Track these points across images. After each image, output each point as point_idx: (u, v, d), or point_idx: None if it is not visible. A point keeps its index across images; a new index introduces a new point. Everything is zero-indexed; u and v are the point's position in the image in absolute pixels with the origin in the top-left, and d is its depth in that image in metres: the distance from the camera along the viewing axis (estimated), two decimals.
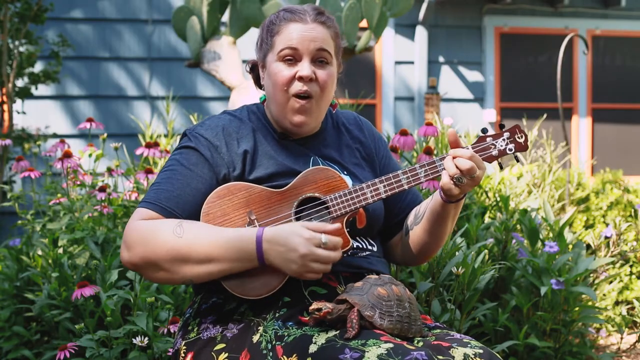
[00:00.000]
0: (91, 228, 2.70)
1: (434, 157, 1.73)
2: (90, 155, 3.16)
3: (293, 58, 1.75)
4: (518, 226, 3.08)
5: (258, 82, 1.91)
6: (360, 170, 1.86)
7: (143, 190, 2.95)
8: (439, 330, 1.69)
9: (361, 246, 1.78)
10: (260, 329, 1.62)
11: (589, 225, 4.65)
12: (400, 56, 7.12)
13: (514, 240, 2.96)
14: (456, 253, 2.50)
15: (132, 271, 1.94)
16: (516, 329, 2.72)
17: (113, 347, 2.26)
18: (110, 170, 3.03)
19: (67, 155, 2.85)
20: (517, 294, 2.77)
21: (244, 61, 4.93)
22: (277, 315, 1.63)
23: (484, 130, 1.76)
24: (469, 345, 1.52)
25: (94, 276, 2.48)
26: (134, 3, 6.66)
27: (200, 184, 1.71)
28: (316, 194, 1.70)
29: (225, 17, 5.53)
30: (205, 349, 1.66)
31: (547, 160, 4.87)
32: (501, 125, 1.77)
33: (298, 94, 1.75)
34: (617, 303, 4.24)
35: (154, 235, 1.62)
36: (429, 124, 2.86)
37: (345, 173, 1.82)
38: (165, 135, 4.78)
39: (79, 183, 2.99)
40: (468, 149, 1.70)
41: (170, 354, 1.80)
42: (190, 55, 5.69)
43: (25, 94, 5.42)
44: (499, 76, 7.31)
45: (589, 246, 3.76)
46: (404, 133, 2.77)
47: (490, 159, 1.76)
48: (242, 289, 1.63)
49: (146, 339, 2.19)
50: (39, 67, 5.97)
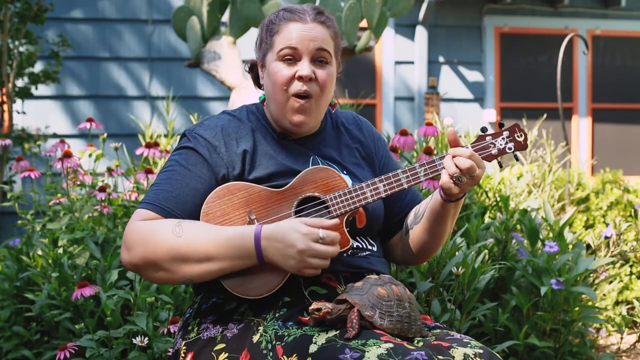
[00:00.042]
0: (91, 228, 2.70)
1: (434, 157, 1.73)
2: (90, 155, 3.16)
3: (293, 58, 1.75)
4: (518, 226, 3.08)
5: (257, 82, 1.91)
6: (359, 170, 1.86)
7: (143, 190, 2.95)
8: (439, 330, 1.69)
9: (361, 246, 1.77)
10: (260, 329, 1.62)
11: (589, 225, 4.65)
12: (400, 56, 7.12)
13: (514, 240, 2.96)
14: (456, 253, 2.50)
15: (133, 272, 1.94)
16: (516, 329, 2.72)
17: (113, 347, 2.25)
18: (110, 170, 3.03)
19: (67, 155, 2.85)
20: (517, 294, 2.77)
21: (244, 61, 4.92)
22: (277, 315, 1.63)
23: (483, 129, 1.75)
24: (469, 345, 1.52)
25: (94, 276, 2.48)
26: (134, 3, 6.66)
27: (199, 184, 1.71)
28: (316, 194, 1.70)
29: (225, 17, 5.53)
30: (205, 349, 1.66)
31: (547, 160, 4.87)
32: (500, 124, 1.77)
33: (298, 94, 1.75)
34: (617, 303, 4.23)
35: (153, 235, 1.62)
36: (429, 124, 2.86)
37: (345, 173, 1.82)
38: (165, 135, 4.78)
39: (79, 183, 2.99)
40: (467, 148, 1.70)
41: (170, 354, 1.80)
42: (190, 55, 5.69)
43: (25, 94, 5.42)
44: (499, 76, 7.31)
45: (589, 246, 3.76)
46: (404, 133, 2.77)
47: (489, 157, 1.75)
48: (242, 288, 1.63)
49: (146, 339, 2.19)
50: (39, 67, 5.97)
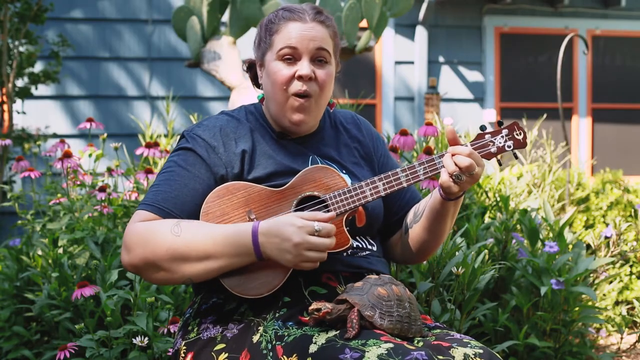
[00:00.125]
0: (91, 228, 2.70)
1: (433, 155, 1.73)
2: (90, 155, 3.16)
3: (292, 57, 1.75)
4: (518, 226, 3.08)
5: (255, 81, 1.91)
6: (358, 169, 1.86)
7: (143, 190, 2.95)
8: (439, 330, 1.69)
9: (361, 246, 1.77)
10: (260, 329, 1.62)
11: (589, 225, 4.65)
12: (400, 56, 7.12)
13: (514, 240, 2.96)
14: (456, 253, 2.49)
15: (133, 273, 1.94)
16: (516, 329, 2.72)
17: (113, 347, 2.25)
18: (110, 170, 3.03)
19: (67, 155, 2.85)
20: (517, 294, 2.77)
21: (244, 61, 4.92)
22: (277, 315, 1.63)
23: (482, 127, 1.75)
24: (469, 345, 1.52)
25: (94, 276, 2.48)
26: (134, 3, 6.66)
27: (197, 184, 1.70)
28: (315, 193, 1.70)
29: (225, 17, 5.53)
30: (205, 349, 1.66)
31: (547, 160, 4.87)
32: (499, 123, 1.77)
33: (297, 93, 1.74)
34: (617, 303, 4.23)
35: (152, 236, 1.62)
36: (429, 124, 2.86)
37: (344, 172, 1.82)
38: (165, 135, 4.78)
39: (79, 183, 2.99)
40: (467, 146, 1.70)
41: (170, 354, 1.80)
42: (190, 55, 5.69)
43: (25, 94, 5.42)
44: (499, 76, 7.31)
45: (589, 246, 3.76)
46: (404, 133, 2.77)
47: (489, 156, 1.75)
48: (243, 288, 1.63)
49: (146, 339, 2.19)
50: (39, 67, 5.96)
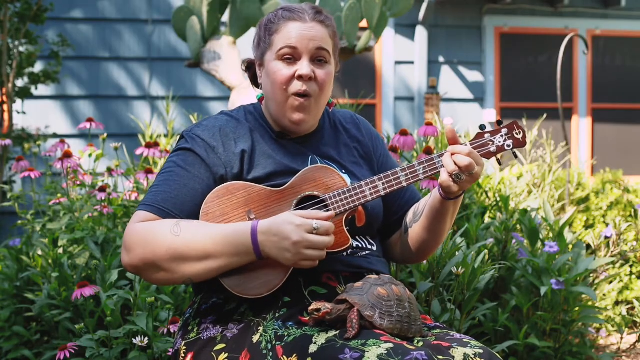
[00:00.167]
0: (91, 228, 2.70)
1: (433, 155, 1.73)
2: (90, 155, 3.16)
3: (292, 57, 1.75)
4: (518, 226, 3.08)
5: (254, 81, 1.91)
6: (358, 169, 1.86)
7: (143, 190, 2.95)
8: (439, 330, 1.69)
9: (361, 245, 1.77)
10: (260, 329, 1.62)
11: (589, 225, 4.65)
12: (400, 56, 7.12)
13: (514, 240, 2.96)
14: (456, 253, 2.49)
15: (133, 274, 1.94)
16: (516, 329, 2.72)
17: (113, 347, 2.26)
18: (110, 170, 3.03)
19: (67, 155, 2.85)
20: (517, 294, 2.77)
21: (243, 61, 4.92)
22: (277, 315, 1.63)
23: (481, 126, 1.75)
24: (469, 345, 1.52)
25: (94, 276, 2.48)
26: (134, 3, 6.66)
27: (197, 185, 1.70)
28: (315, 192, 1.70)
29: (225, 17, 5.53)
30: (205, 349, 1.66)
31: (547, 160, 4.87)
32: (499, 122, 1.77)
33: (297, 93, 1.74)
34: (617, 303, 4.23)
35: (152, 236, 1.62)
36: (429, 124, 2.86)
37: (344, 171, 1.82)
38: (165, 135, 4.78)
39: (79, 183, 2.99)
40: (466, 145, 1.70)
41: (170, 354, 1.80)
42: (190, 55, 5.69)
43: (25, 94, 5.41)
44: (499, 76, 7.31)
45: (589, 246, 3.76)
46: (404, 133, 2.77)
47: (488, 155, 1.75)
48: (243, 288, 1.63)
49: (146, 339, 2.19)
50: (39, 67, 5.96)
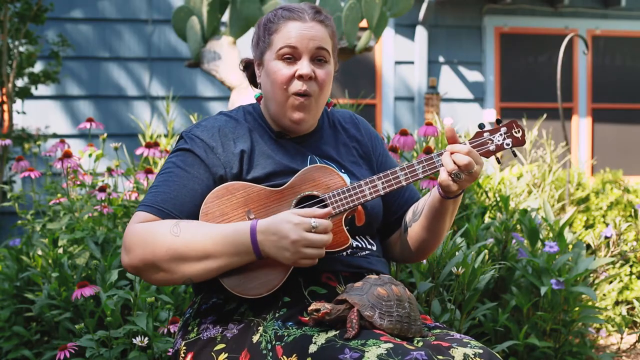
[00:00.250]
0: (91, 228, 2.70)
1: (432, 154, 1.73)
2: (90, 155, 3.16)
3: (292, 57, 1.75)
4: (518, 226, 3.08)
5: (252, 80, 1.91)
6: (357, 168, 1.86)
7: (143, 191, 2.95)
8: (438, 330, 1.69)
9: (361, 245, 1.77)
10: (260, 329, 1.62)
11: (589, 225, 4.65)
12: (400, 56, 7.12)
13: (514, 240, 2.96)
14: (456, 253, 2.49)
15: (133, 275, 1.94)
16: (516, 329, 2.72)
17: (113, 347, 2.26)
18: (110, 170, 3.03)
19: (67, 155, 2.85)
20: (517, 294, 2.77)
21: (241, 60, 4.92)
22: (277, 315, 1.63)
23: (481, 125, 1.74)
24: (469, 345, 1.52)
25: (94, 276, 2.48)
26: (134, 3, 6.66)
27: (196, 185, 1.70)
28: (314, 192, 1.70)
29: (225, 17, 5.53)
30: (205, 349, 1.66)
31: (547, 160, 4.87)
32: (498, 121, 1.77)
33: (297, 93, 1.75)
34: (617, 303, 4.23)
35: (152, 236, 1.62)
36: (429, 124, 2.86)
37: (343, 171, 1.82)
38: (165, 135, 4.78)
39: (79, 183, 2.99)
40: (465, 144, 1.70)
41: (170, 354, 1.80)
42: (190, 55, 5.69)
43: (25, 94, 5.42)
44: (499, 76, 7.31)
45: (589, 246, 3.76)
46: (404, 133, 2.77)
47: (487, 154, 1.75)
48: (242, 288, 1.63)
49: (146, 339, 2.19)
50: (39, 67, 5.96)
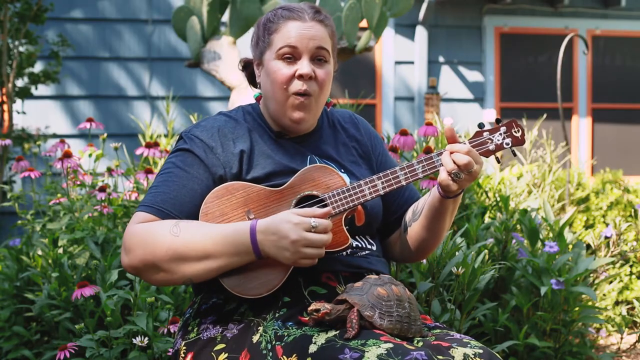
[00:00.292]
0: (91, 228, 2.70)
1: (432, 153, 1.73)
2: (90, 155, 3.16)
3: (292, 56, 1.75)
4: (518, 226, 3.08)
5: (251, 80, 1.91)
6: (357, 168, 1.86)
7: (143, 190, 2.95)
8: (438, 330, 1.69)
9: (361, 245, 1.77)
10: (260, 329, 1.62)
11: (589, 225, 4.65)
12: (400, 56, 7.12)
13: (514, 240, 2.96)
14: (456, 253, 2.49)
15: (133, 275, 1.94)
16: (516, 329, 2.72)
17: (113, 347, 2.26)
18: (110, 170, 3.03)
19: (67, 155, 2.85)
20: (517, 294, 2.77)
21: (240, 60, 4.92)
22: (277, 315, 1.63)
23: (480, 125, 1.74)
24: (469, 345, 1.52)
25: (94, 276, 2.48)
26: (134, 3, 6.66)
27: (196, 185, 1.71)
28: (314, 192, 1.70)
29: (225, 17, 5.53)
30: (205, 349, 1.66)
31: (547, 160, 4.87)
32: (497, 120, 1.76)
33: (298, 93, 1.75)
34: (617, 303, 4.23)
35: (152, 237, 1.62)
36: (429, 124, 2.86)
37: (343, 171, 1.82)
38: (165, 135, 4.78)
39: (79, 183, 2.99)
40: (465, 144, 1.70)
41: (170, 354, 1.80)
42: (190, 55, 5.69)
43: (25, 94, 5.42)
44: (499, 76, 7.31)
45: (589, 246, 3.76)
46: (404, 133, 2.77)
47: (487, 153, 1.75)
48: (242, 288, 1.63)
49: (146, 339, 2.19)
50: (39, 67, 5.96)
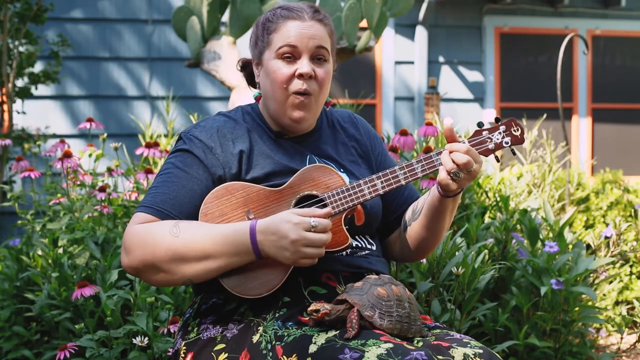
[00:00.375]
0: (91, 228, 2.70)
1: (431, 153, 1.73)
2: (90, 155, 3.16)
3: (292, 56, 1.75)
4: (518, 226, 3.08)
5: (250, 80, 1.91)
6: (356, 168, 1.86)
7: (143, 191, 2.95)
8: (438, 330, 1.69)
9: (360, 245, 1.77)
10: (260, 329, 1.62)
11: (589, 225, 4.65)
12: (400, 56, 7.12)
13: (514, 240, 2.96)
14: (456, 253, 2.49)
15: (133, 276, 1.94)
16: (516, 329, 2.72)
17: (113, 347, 2.26)
18: (110, 170, 3.03)
19: (67, 155, 2.85)
20: (517, 294, 2.77)
21: (238, 60, 4.91)
22: (277, 315, 1.63)
23: (479, 124, 1.74)
24: (469, 345, 1.52)
25: (94, 276, 2.48)
26: (134, 3, 6.66)
27: (195, 185, 1.71)
28: (314, 192, 1.70)
29: (225, 17, 5.53)
30: (205, 349, 1.66)
31: (547, 160, 4.86)
32: (497, 119, 1.76)
33: (298, 92, 1.75)
34: (617, 303, 4.23)
35: (151, 237, 1.62)
36: (429, 124, 2.86)
37: (342, 170, 1.82)
38: (165, 135, 4.78)
39: (79, 183, 3.00)
40: (464, 143, 1.70)
41: (170, 354, 1.80)
42: (190, 55, 5.69)
43: (25, 94, 5.42)
44: (499, 76, 7.31)
45: (589, 246, 3.76)
46: (404, 133, 2.78)
47: (486, 152, 1.74)
48: (242, 288, 1.63)
49: (146, 339, 2.19)
50: (39, 67, 5.96)
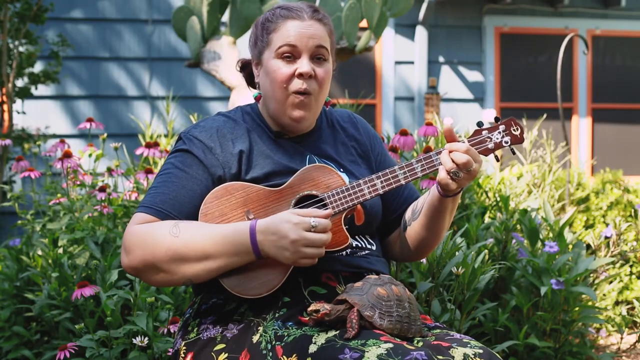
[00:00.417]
0: (91, 228, 2.70)
1: (431, 152, 1.73)
2: (90, 155, 3.16)
3: (292, 55, 1.75)
4: (518, 226, 3.08)
5: (250, 81, 1.91)
6: (356, 168, 1.86)
7: (143, 191, 2.96)
8: (438, 330, 1.69)
9: (360, 245, 1.77)
10: (260, 329, 1.62)
11: (589, 225, 4.65)
12: (400, 56, 7.12)
13: (514, 240, 2.96)
14: (456, 253, 2.49)
15: (133, 276, 1.94)
16: (516, 329, 2.72)
17: (113, 347, 2.26)
18: (110, 170, 3.03)
19: (67, 155, 2.85)
20: (517, 294, 2.77)
21: (238, 61, 4.91)
22: (277, 315, 1.63)
23: (479, 123, 1.74)
24: (469, 345, 1.52)
25: (94, 276, 2.48)
26: (134, 3, 6.66)
27: (195, 185, 1.71)
28: (313, 192, 1.70)
29: (225, 17, 5.53)
30: (205, 349, 1.66)
31: (547, 160, 4.86)
32: (496, 119, 1.76)
33: (298, 91, 1.75)
34: (617, 303, 4.23)
35: (151, 237, 1.62)
36: (429, 124, 2.86)
37: (342, 170, 1.82)
38: (165, 135, 4.78)
39: (79, 183, 3.00)
40: (464, 142, 1.70)
41: (170, 354, 1.80)
42: (190, 55, 5.69)
43: (25, 94, 5.42)
44: (499, 76, 7.31)
45: (589, 246, 3.76)
46: (404, 133, 2.78)
47: (486, 152, 1.75)
48: (242, 288, 1.63)
49: (146, 339, 2.19)
50: (39, 67, 5.96)
